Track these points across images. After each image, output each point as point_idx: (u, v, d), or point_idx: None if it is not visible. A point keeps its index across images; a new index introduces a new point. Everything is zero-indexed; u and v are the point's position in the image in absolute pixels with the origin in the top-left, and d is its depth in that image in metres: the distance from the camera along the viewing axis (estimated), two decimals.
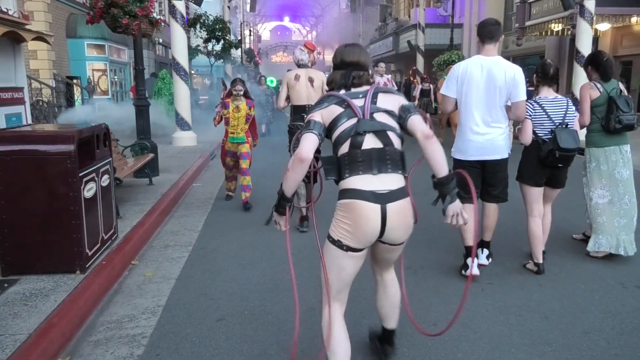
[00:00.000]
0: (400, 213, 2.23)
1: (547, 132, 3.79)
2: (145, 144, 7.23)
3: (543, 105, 3.82)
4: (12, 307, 3.06)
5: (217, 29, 19.88)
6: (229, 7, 26.57)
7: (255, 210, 5.90)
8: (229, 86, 6.02)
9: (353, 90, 2.32)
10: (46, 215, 3.46)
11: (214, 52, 20.68)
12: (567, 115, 3.80)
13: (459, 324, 3.04)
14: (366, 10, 40.45)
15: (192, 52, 18.79)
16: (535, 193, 3.90)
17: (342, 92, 2.32)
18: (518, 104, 3.64)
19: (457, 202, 2.25)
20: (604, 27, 14.11)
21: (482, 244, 3.99)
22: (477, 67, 3.65)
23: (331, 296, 2.43)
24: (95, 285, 3.43)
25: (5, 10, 7.55)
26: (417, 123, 2.24)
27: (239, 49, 27.26)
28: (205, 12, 20.43)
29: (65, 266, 3.52)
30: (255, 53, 44.91)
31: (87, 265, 3.58)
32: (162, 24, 8.80)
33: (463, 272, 3.79)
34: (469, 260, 3.64)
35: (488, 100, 3.61)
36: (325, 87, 3.82)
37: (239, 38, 30.25)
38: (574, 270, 3.94)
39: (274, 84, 19.82)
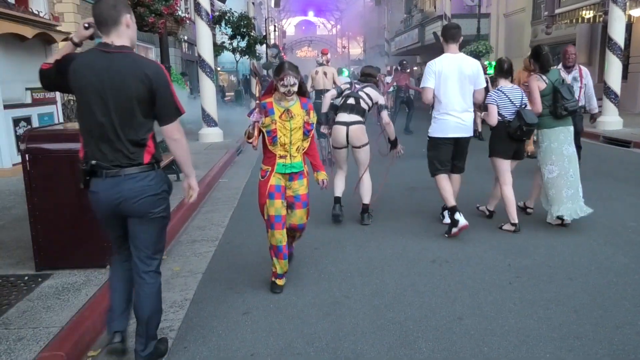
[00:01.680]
0: (355, 131, 4.97)
1: (511, 113, 4.66)
2: None
3: (505, 92, 4.70)
4: (46, 301, 3.16)
5: (242, 26, 20.01)
6: (253, 3, 26.67)
7: None
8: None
9: (360, 83, 5.21)
10: (77, 212, 3.54)
11: (239, 48, 20.81)
12: (523, 99, 4.69)
13: (485, 317, 3.01)
14: (391, 2, 40.06)
15: (218, 49, 18.95)
16: (506, 165, 4.75)
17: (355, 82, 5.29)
18: (480, 90, 4.69)
19: (399, 146, 5.26)
20: (638, 12, 13.63)
21: (451, 209, 4.61)
22: (449, 63, 4.56)
23: (337, 166, 5.30)
24: None
25: (36, 12, 7.78)
26: (384, 116, 5.13)
27: (264, 45, 27.36)
28: (230, 9, 20.58)
29: (96, 261, 3.62)
30: (281, 48, 45.01)
31: None
32: (188, 21, 8.93)
33: (454, 229, 4.47)
34: (457, 215, 4.46)
35: (461, 88, 4.56)
36: (337, 78, 8.14)
37: (264, 34, 30.37)
38: (604, 264, 3.84)
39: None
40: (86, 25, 2.52)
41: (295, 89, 3.37)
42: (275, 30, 44.27)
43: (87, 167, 2.43)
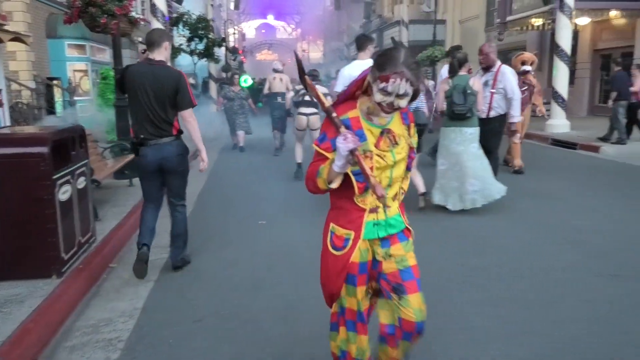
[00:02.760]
0: (313, 119, 7.49)
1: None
2: (125, 145, 7.15)
3: None
4: None
5: (200, 28, 19.73)
6: (212, 5, 26.41)
7: (239, 210, 5.88)
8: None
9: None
10: (20, 220, 3.40)
11: (197, 51, 20.52)
12: (417, 102, 5.36)
13: (437, 317, 3.06)
14: (350, 7, 40.44)
15: (175, 51, 18.61)
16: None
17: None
18: None
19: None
20: (583, 21, 14.25)
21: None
22: (358, 69, 4.93)
23: (297, 141, 7.70)
24: (71, 289, 3.39)
25: None
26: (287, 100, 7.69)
27: (223, 48, 27.09)
28: (188, 10, 20.28)
29: (41, 271, 3.47)
30: (240, 52, 44.65)
31: (63, 270, 3.53)
32: (142, 22, 8.72)
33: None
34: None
35: None
36: (289, 84, 9.92)
37: (223, 36, 30.07)
38: (551, 262, 3.98)
39: (248, 83, 16.71)
40: (142, 50, 3.93)
41: (406, 102, 1.86)
42: (234, 33, 43.90)
43: (138, 140, 3.69)
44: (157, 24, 10.81)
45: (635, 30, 13.75)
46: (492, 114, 5.77)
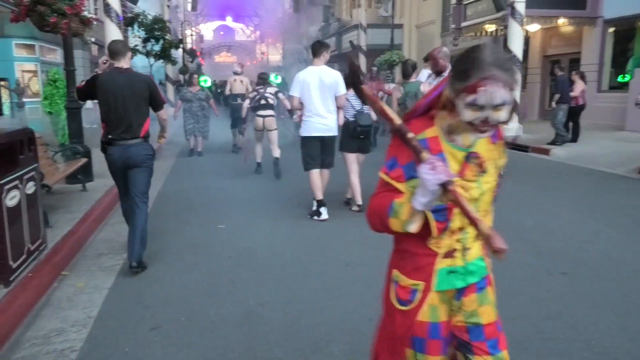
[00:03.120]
0: (269, 120, 8.07)
1: (351, 115, 5.63)
2: (77, 149, 6.94)
3: (349, 98, 5.57)
4: None
5: (156, 29, 19.33)
6: (168, 6, 25.94)
7: (197, 214, 5.80)
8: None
9: (263, 87, 8.31)
10: None
11: (154, 52, 20.11)
12: (363, 105, 5.54)
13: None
14: (309, 10, 40.55)
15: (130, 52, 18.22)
16: (352, 157, 5.72)
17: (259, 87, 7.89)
18: (340, 97, 5.43)
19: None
20: (533, 28, 14.79)
21: (319, 202, 5.48)
22: (312, 74, 5.36)
23: (257, 140, 8.43)
24: (20, 299, 3.25)
25: None
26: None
27: (180, 49, 26.66)
28: (144, 10, 19.85)
29: None
30: (198, 53, 44.06)
31: (11, 279, 3.39)
32: (95, 22, 8.48)
33: (316, 217, 5.43)
34: (322, 209, 5.44)
35: (322, 95, 5.34)
36: (249, 86, 10.51)
37: (180, 38, 29.59)
38: (502, 261, 4.09)
39: (208, 84, 16.97)
40: (104, 61, 4.05)
41: (507, 114, 1.38)
42: (192, 35, 43.30)
43: (106, 139, 3.99)
44: (110, 24, 10.54)
45: (582, 37, 14.38)
46: None
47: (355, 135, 5.63)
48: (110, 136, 3.95)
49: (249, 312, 3.25)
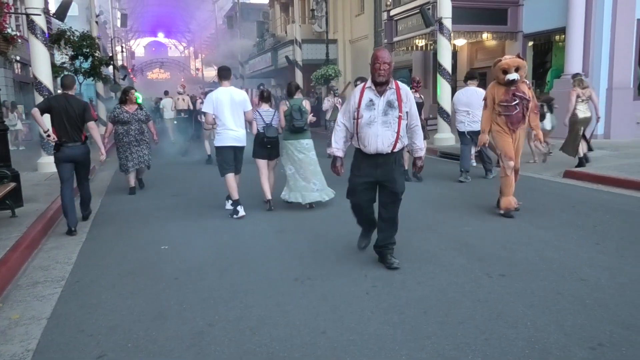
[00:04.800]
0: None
1: (261, 127, 6.60)
2: (4, 172, 6.55)
3: (260, 112, 6.68)
4: None
5: (84, 45, 18.64)
6: (97, 22, 25.09)
7: (139, 236, 5.62)
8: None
9: None
10: None
11: (82, 69, 19.37)
12: (273, 119, 6.66)
13: (346, 329, 3.15)
14: (243, 26, 40.52)
15: (57, 69, 17.40)
16: (262, 163, 6.73)
17: None
18: (248, 112, 6.47)
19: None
20: (460, 42, 15.54)
21: (235, 201, 6.39)
22: (224, 94, 6.32)
23: (204, 139, 11.46)
24: None
25: None
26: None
27: (111, 66, 25.83)
28: (70, 27, 19.11)
29: None
30: (129, 70, 42.82)
31: None
32: (20, 40, 8.10)
33: (235, 216, 6.29)
34: (239, 207, 6.32)
35: (233, 112, 6.30)
36: (190, 103, 14.58)
37: (110, 54, 28.68)
38: (446, 266, 4.26)
39: (140, 100, 16.11)
40: (61, 91, 5.96)
41: None
42: (122, 51, 42.07)
43: (60, 142, 5.68)
44: (36, 42, 10.09)
45: (504, 50, 15.25)
46: (399, 145, 4.11)
47: (263, 145, 6.63)
48: (64, 139, 5.71)
49: (199, 333, 3.19)
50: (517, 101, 5.67)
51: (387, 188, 4.14)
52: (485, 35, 14.69)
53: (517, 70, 5.64)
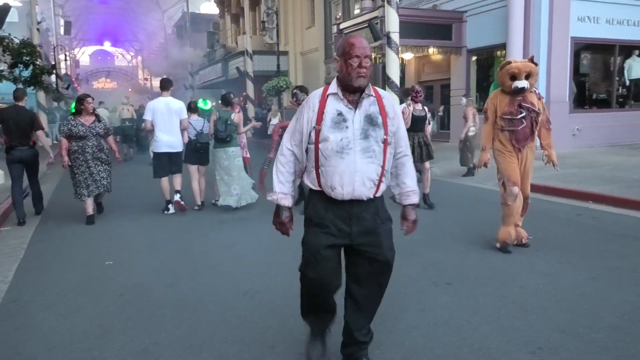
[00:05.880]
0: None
1: (193, 135, 7.34)
2: None
3: (191, 122, 7.32)
4: None
5: (24, 53, 17.87)
6: (38, 29, 24.14)
7: (80, 252, 5.41)
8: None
9: None
10: None
11: (22, 78, 18.55)
12: (204, 127, 7.44)
13: (295, 342, 3.14)
14: (193, 36, 40.06)
15: None
16: (193, 168, 7.42)
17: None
18: (183, 120, 7.14)
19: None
20: (408, 56, 15.95)
21: (167, 201, 7.23)
22: (161, 103, 7.01)
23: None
24: None
25: None
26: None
27: (54, 75, 24.86)
28: (9, 34, 18.30)
29: None
30: (74, 79, 41.39)
31: None
32: None
33: (166, 212, 7.18)
34: (170, 206, 7.21)
35: (169, 119, 6.96)
36: (134, 112, 15.27)
37: (53, 63, 27.63)
38: (394, 276, 4.30)
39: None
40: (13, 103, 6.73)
41: None
42: (66, 60, 40.64)
43: (10, 146, 6.71)
44: None
45: (450, 64, 15.78)
46: (383, 186, 2.65)
47: (196, 150, 7.31)
48: (13, 144, 6.70)
49: (143, 352, 3.09)
50: (523, 114, 4.72)
51: (368, 254, 2.61)
52: (431, 50, 15.14)
53: (527, 77, 4.66)
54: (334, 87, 2.57)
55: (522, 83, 4.65)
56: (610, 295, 3.76)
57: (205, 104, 16.63)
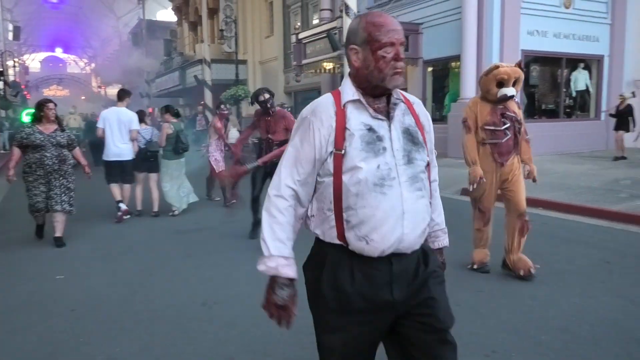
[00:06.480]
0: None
1: (143, 144, 7.48)
2: None
3: (140, 131, 7.45)
4: None
5: None
6: None
7: (28, 267, 5.19)
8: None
9: None
10: None
11: None
12: (152, 136, 7.63)
13: (255, 353, 3.11)
14: (150, 43, 39.37)
15: None
16: (142, 176, 7.61)
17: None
18: (132, 131, 7.23)
19: None
20: None
21: (118, 201, 7.31)
22: (113, 112, 7.26)
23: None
24: None
25: None
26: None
27: (1, 82, 23.91)
28: None
29: None
30: (23, 86, 39.90)
31: None
32: None
33: (119, 213, 7.20)
34: (120, 204, 7.25)
35: (119, 129, 7.15)
36: (81, 122, 16.78)
37: (1, 69, 26.58)
38: None
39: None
40: None
41: None
42: (15, 66, 39.16)
43: None
44: None
45: (407, 75, 16.12)
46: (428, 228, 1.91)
47: (146, 159, 7.51)
48: None
49: None
50: (508, 124, 4.25)
51: (420, 324, 1.74)
52: None
53: (514, 84, 4.22)
54: (349, 90, 1.73)
55: (510, 91, 4.17)
56: (559, 298, 3.92)
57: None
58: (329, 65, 16.21)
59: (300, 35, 17.10)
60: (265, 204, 1.75)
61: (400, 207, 1.65)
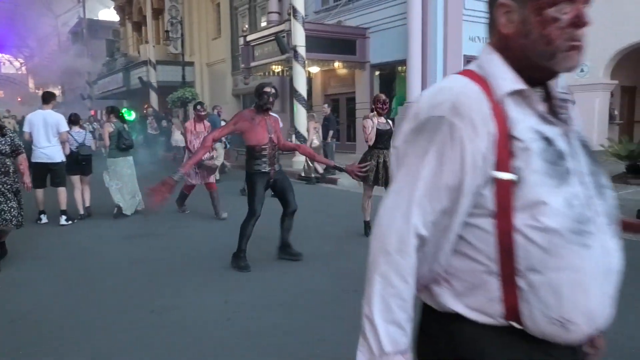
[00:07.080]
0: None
1: (74, 147, 7.43)
2: None
3: (72, 134, 7.48)
4: None
5: None
6: None
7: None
8: None
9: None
10: None
11: None
12: (85, 139, 7.61)
13: (207, 358, 3.07)
14: (91, 43, 37.97)
15: None
16: (76, 178, 7.52)
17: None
18: (62, 133, 7.21)
19: None
20: (314, 69, 16.31)
21: (63, 212, 7.27)
22: (39, 116, 7.15)
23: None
24: None
25: None
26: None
27: None
28: None
29: None
30: None
31: None
32: None
33: (38, 222, 7.26)
34: (42, 216, 7.39)
35: (45, 132, 7.07)
36: (16, 125, 13.70)
37: None
38: (310, 288, 4.38)
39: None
40: None
41: None
42: None
43: None
44: None
45: (354, 78, 16.34)
46: None
47: (78, 162, 7.50)
48: None
49: None
50: None
51: None
52: (337, 64, 15.60)
53: None
54: (507, 74, 1.07)
55: None
56: None
57: (129, 114, 16.23)
58: (277, 68, 16.20)
59: (249, 38, 17.00)
60: (380, 265, 1.13)
61: (609, 265, 1.04)
